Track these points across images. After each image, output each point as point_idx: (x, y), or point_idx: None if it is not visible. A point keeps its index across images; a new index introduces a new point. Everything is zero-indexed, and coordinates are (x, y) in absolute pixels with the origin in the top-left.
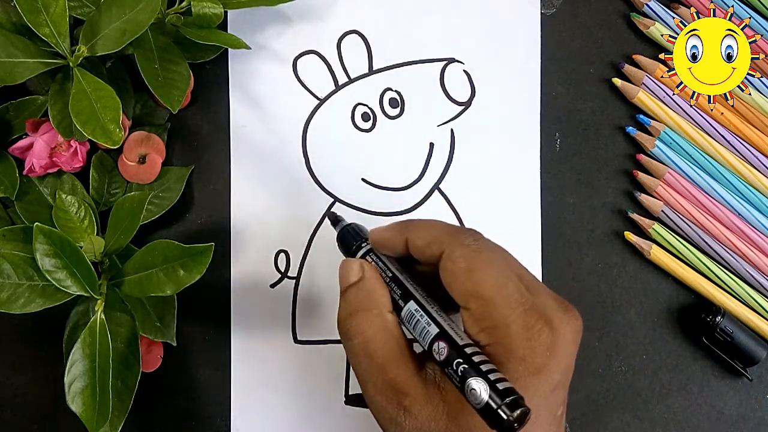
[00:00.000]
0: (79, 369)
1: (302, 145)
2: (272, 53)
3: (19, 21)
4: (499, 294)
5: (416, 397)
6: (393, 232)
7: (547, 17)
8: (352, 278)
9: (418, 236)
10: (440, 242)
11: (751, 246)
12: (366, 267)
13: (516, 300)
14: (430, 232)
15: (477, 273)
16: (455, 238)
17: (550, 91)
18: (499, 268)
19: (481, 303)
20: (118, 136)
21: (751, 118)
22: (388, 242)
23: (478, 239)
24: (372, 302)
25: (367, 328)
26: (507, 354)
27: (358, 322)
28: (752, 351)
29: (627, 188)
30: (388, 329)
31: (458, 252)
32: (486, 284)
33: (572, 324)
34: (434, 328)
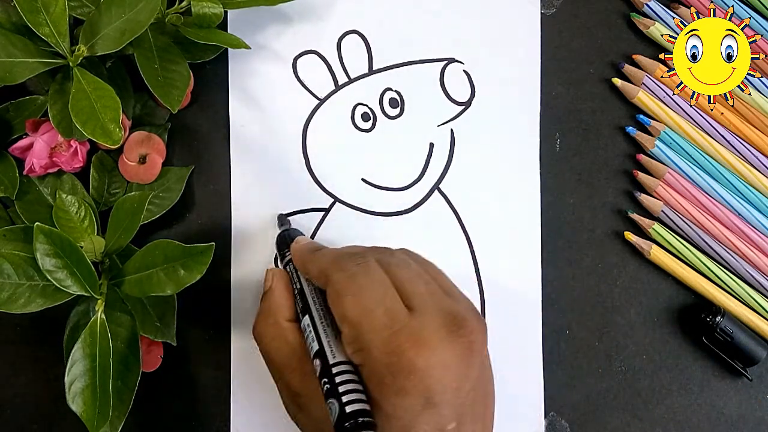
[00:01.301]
0: (80, 369)
1: (302, 145)
2: (272, 53)
3: (19, 21)
4: (365, 318)
5: (309, 398)
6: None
7: (547, 17)
8: (267, 286)
9: (314, 266)
10: (325, 271)
11: (751, 246)
12: (276, 277)
13: (382, 324)
14: (320, 262)
15: (347, 298)
16: (336, 264)
17: (550, 91)
18: (370, 293)
19: (350, 327)
20: (118, 136)
21: (751, 118)
22: (296, 260)
23: (360, 263)
24: (272, 311)
25: (266, 335)
26: (371, 376)
27: (260, 329)
28: (752, 351)
29: (627, 188)
30: (283, 336)
31: (335, 277)
32: (353, 309)
33: (454, 343)
34: (316, 344)
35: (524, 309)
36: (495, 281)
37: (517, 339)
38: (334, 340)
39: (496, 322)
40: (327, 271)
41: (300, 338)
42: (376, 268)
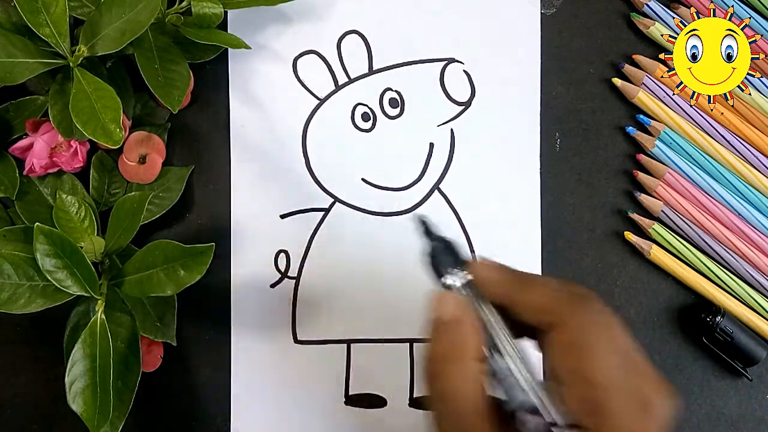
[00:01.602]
0: (80, 369)
1: (302, 145)
2: (272, 53)
3: (19, 21)
4: (609, 381)
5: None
6: (505, 280)
7: (547, 17)
8: (445, 315)
9: (531, 299)
10: (556, 311)
11: (751, 246)
12: (462, 306)
13: (623, 389)
14: (545, 297)
15: (592, 355)
16: (570, 308)
17: (550, 91)
18: (613, 353)
19: (588, 387)
20: (118, 136)
21: (751, 118)
22: (495, 286)
23: (599, 314)
24: (466, 350)
25: (457, 377)
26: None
27: (449, 368)
28: (752, 351)
29: (627, 188)
30: (477, 382)
31: (577, 327)
32: (597, 369)
33: (668, 406)
34: (524, 396)
35: None
36: None
37: None
38: (542, 391)
39: None
40: (558, 313)
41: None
42: (607, 314)
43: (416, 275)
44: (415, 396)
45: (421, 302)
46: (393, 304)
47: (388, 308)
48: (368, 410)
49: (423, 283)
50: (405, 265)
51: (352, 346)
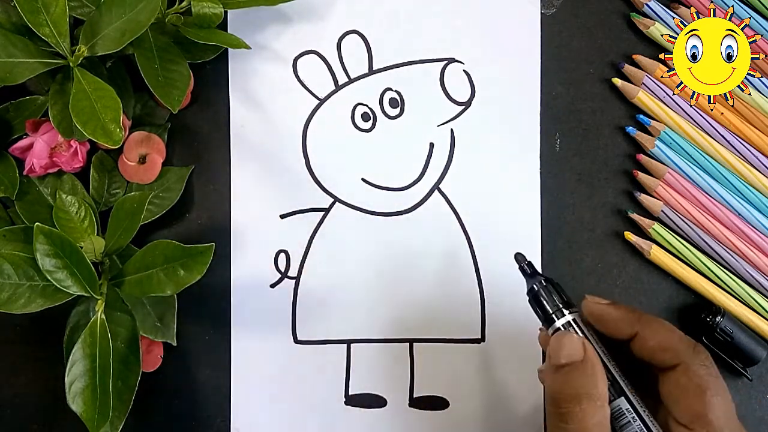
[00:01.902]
0: (80, 369)
1: (302, 145)
2: (272, 53)
3: (19, 21)
4: (728, 425)
5: None
6: (621, 316)
7: (547, 17)
8: (573, 356)
9: (652, 336)
10: (677, 352)
11: (751, 246)
12: (589, 348)
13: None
14: (668, 337)
15: (712, 398)
16: (695, 354)
17: (550, 91)
18: (728, 399)
19: (709, 429)
20: (118, 136)
21: (751, 118)
22: (611, 324)
23: (712, 363)
24: (596, 391)
25: (590, 419)
26: None
27: (581, 410)
28: (752, 351)
29: (627, 188)
30: (605, 421)
31: (698, 370)
32: (718, 411)
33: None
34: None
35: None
36: (495, 281)
37: (517, 339)
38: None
39: (497, 323)
40: (682, 354)
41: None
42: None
43: (416, 275)
44: (415, 396)
45: (421, 302)
46: (393, 304)
47: (388, 308)
48: (368, 410)
49: (423, 283)
50: (405, 265)
51: (352, 346)
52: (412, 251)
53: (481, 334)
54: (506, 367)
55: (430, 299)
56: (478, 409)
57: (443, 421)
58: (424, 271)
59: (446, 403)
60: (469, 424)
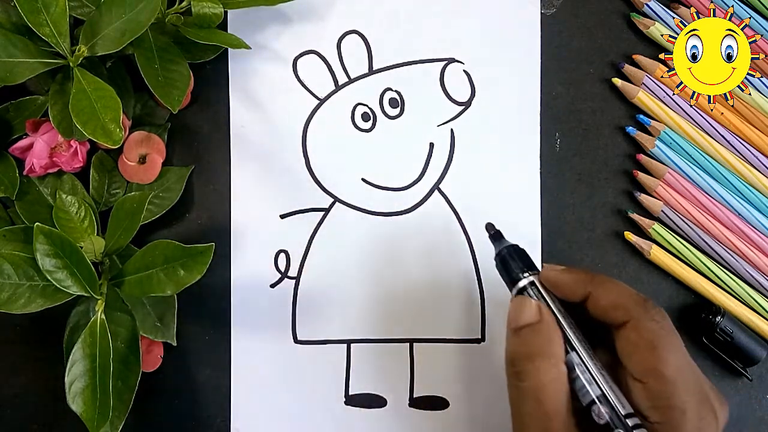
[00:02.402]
0: (80, 369)
1: (302, 145)
2: (272, 53)
3: (19, 21)
4: (680, 377)
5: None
6: (574, 279)
7: (547, 17)
8: (529, 319)
9: (604, 296)
10: (626, 309)
11: (751, 246)
12: (544, 309)
13: (694, 388)
14: (618, 295)
15: (662, 352)
16: (645, 310)
17: (550, 91)
18: (682, 351)
19: (661, 382)
20: (118, 136)
21: (751, 118)
22: (565, 287)
23: (663, 317)
24: (551, 349)
25: (543, 376)
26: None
27: (535, 367)
28: (752, 351)
29: (627, 188)
30: (561, 380)
31: (646, 325)
32: (670, 365)
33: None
34: (596, 388)
35: None
36: (495, 281)
37: None
38: (614, 386)
39: (497, 323)
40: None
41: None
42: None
43: (416, 275)
44: (415, 396)
45: (421, 302)
46: (393, 304)
47: (388, 308)
48: (368, 410)
49: (423, 283)
50: (405, 265)
51: (352, 346)
52: (412, 251)
53: (481, 334)
54: None
55: (430, 299)
56: (478, 409)
57: (443, 421)
58: (424, 271)
59: (446, 403)
60: (469, 424)
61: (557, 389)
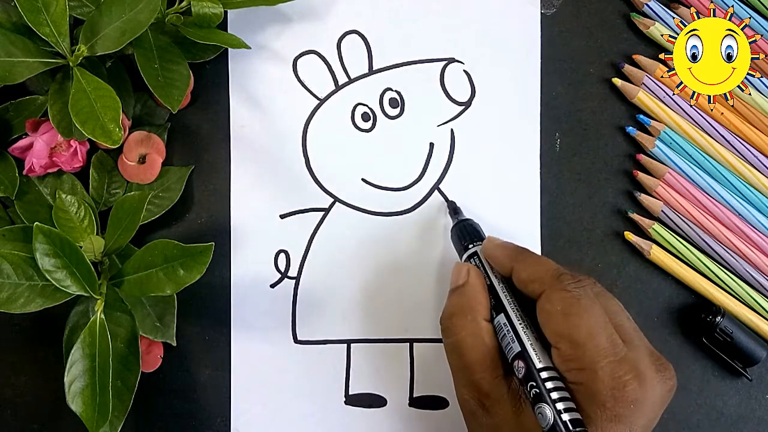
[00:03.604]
0: (79, 369)
1: (302, 145)
2: (272, 53)
3: (19, 20)
4: (590, 341)
5: (496, 400)
6: (503, 254)
7: (547, 17)
8: (459, 281)
9: (523, 269)
10: (542, 282)
11: (751, 246)
12: (472, 273)
13: (607, 349)
14: (535, 270)
15: (572, 318)
16: (557, 281)
17: (550, 91)
18: (594, 317)
19: (571, 346)
20: (118, 136)
21: (751, 118)
22: (496, 260)
23: (580, 285)
24: (469, 307)
25: (461, 331)
26: (589, 396)
27: (453, 324)
28: (752, 351)
29: (627, 188)
30: (479, 335)
31: (557, 295)
32: (579, 330)
33: (664, 383)
34: (516, 345)
35: None
36: None
37: None
38: (537, 344)
39: None
40: (545, 283)
41: (494, 339)
42: (599, 292)
43: (416, 275)
44: (415, 396)
45: (421, 302)
46: (393, 304)
47: (388, 308)
48: (368, 410)
49: (423, 283)
50: (405, 265)
51: (352, 346)
52: (412, 251)
53: None
54: None
55: (430, 299)
56: None
57: (443, 420)
58: (423, 271)
59: (446, 403)
60: None
61: (476, 343)
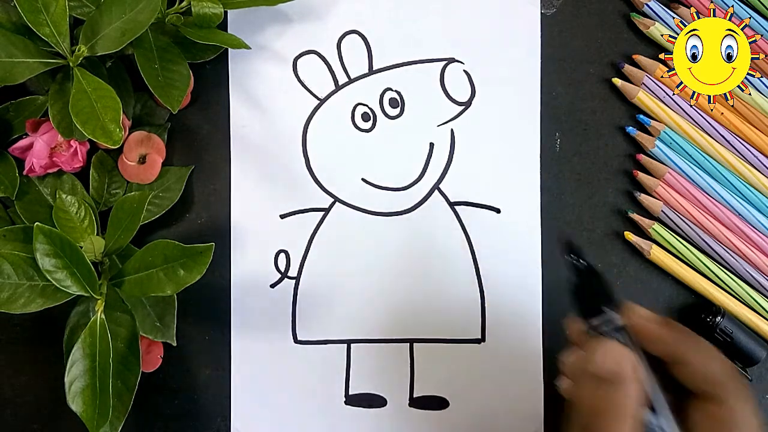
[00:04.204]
0: (79, 369)
1: (302, 145)
2: (272, 53)
3: (19, 21)
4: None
5: None
6: (666, 334)
7: (547, 17)
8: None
9: (699, 363)
10: (722, 385)
11: (751, 246)
12: (633, 364)
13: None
14: (713, 366)
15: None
16: (737, 389)
17: (550, 91)
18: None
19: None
20: (118, 136)
21: (751, 118)
22: (652, 336)
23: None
24: (629, 409)
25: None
26: None
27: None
28: (752, 351)
29: (627, 188)
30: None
31: (735, 406)
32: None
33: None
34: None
35: (525, 309)
36: (495, 281)
37: (517, 339)
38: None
39: (497, 322)
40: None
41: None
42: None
43: (416, 275)
44: (415, 396)
45: (421, 302)
46: (393, 304)
47: (388, 308)
48: (368, 410)
49: (423, 283)
50: (405, 265)
51: (352, 346)
52: (412, 251)
53: (481, 334)
54: (506, 367)
55: (430, 299)
56: (478, 409)
57: (443, 421)
58: (423, 271)
59: (446, 403)
60: (469, 424)
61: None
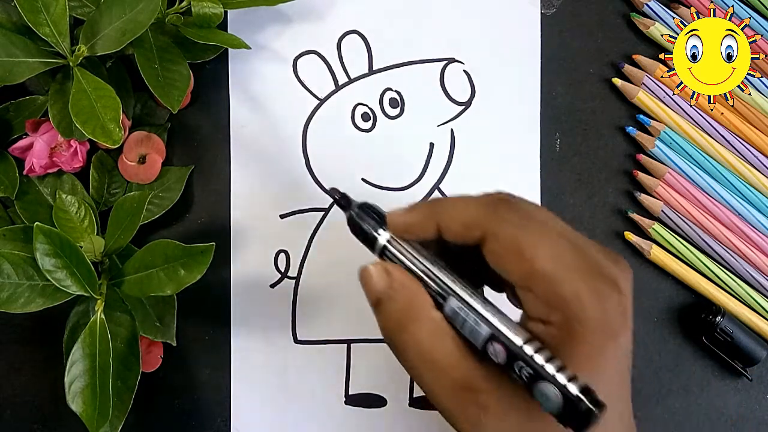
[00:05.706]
0: (79, 369)
1: (302, 145)
2: (272, 53)
3: (19, 21)
4: (559, 267)
5: (491, 391)
6: (419, 217)
7: (547, 17)
8: (379, 289)
9: (452, 219)
10: (479, 223)
11: (751, 246)
12: (392, 272)
13: (577, 267)
14: (465, 213)
15: (529, 251)
16: (495, 215)
17: (550, 91)
18: (549, 238)
19: (543, 281)
20: (118, 136)
21: (751, 118)
22: (415, 228)
23: (516, 209)
24: (414, 310)
25: (420, 337)
26: (582, 326)
27: (409, 335)
28: (752, 351)
29: (627, 188)
30: (439, 331)
31: (503, 232)
32: (543, 261)
33: (628, 276)
34: (484, 327)
35: None
36: None
37: None
38: (504, 318)
39: None
40: (482, 224)
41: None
42: (532, 208)
43: None
44: (415, 396)
45: None
46: None
47: None
48: (368, 410)
49: None
50: None
51: (352, 346)
52: None
53: None
54: None
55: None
56: None
57: (443, 421)
58: None
59: None
60: None
61: (440, 342)
